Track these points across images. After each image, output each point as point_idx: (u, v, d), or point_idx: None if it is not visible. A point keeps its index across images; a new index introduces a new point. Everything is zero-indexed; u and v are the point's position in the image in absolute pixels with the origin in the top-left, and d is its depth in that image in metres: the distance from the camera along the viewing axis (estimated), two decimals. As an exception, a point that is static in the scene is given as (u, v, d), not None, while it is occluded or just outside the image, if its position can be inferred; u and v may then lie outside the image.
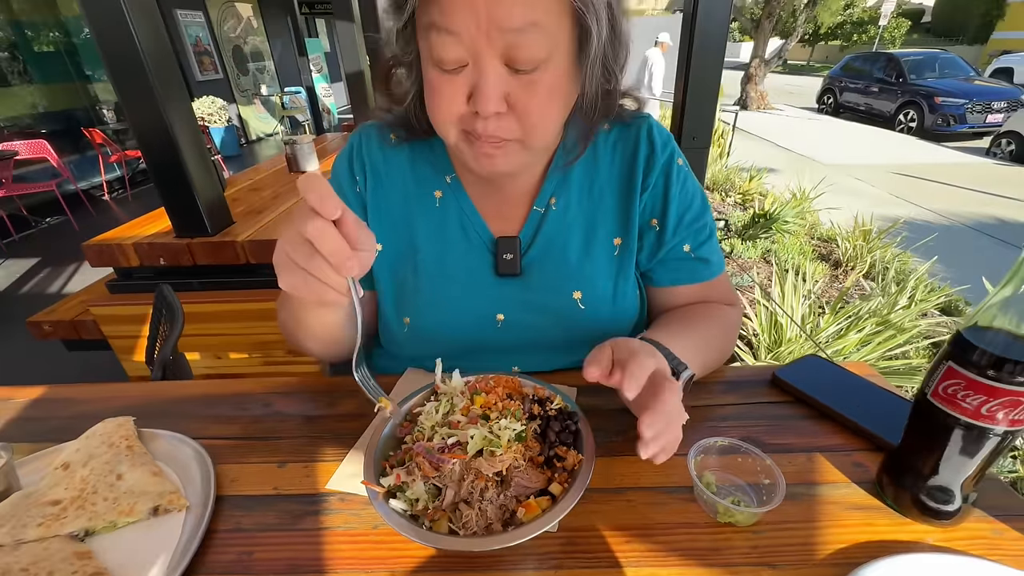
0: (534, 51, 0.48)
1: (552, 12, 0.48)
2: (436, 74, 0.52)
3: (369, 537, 0.48)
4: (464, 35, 0.47)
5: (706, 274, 0.70)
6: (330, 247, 0.41)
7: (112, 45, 1.52)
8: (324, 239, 0.40)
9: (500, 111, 0.51)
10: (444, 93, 0.52)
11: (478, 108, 0.50)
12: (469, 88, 0.51)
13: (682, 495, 0.51)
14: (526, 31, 0.47)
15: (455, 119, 0.54)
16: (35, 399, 0.70)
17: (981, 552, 0.44)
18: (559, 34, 0.49)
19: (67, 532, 0.47)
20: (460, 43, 0.48)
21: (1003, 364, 0.38)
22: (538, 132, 0.54)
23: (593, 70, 0.53)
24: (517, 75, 0.50)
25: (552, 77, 0.51)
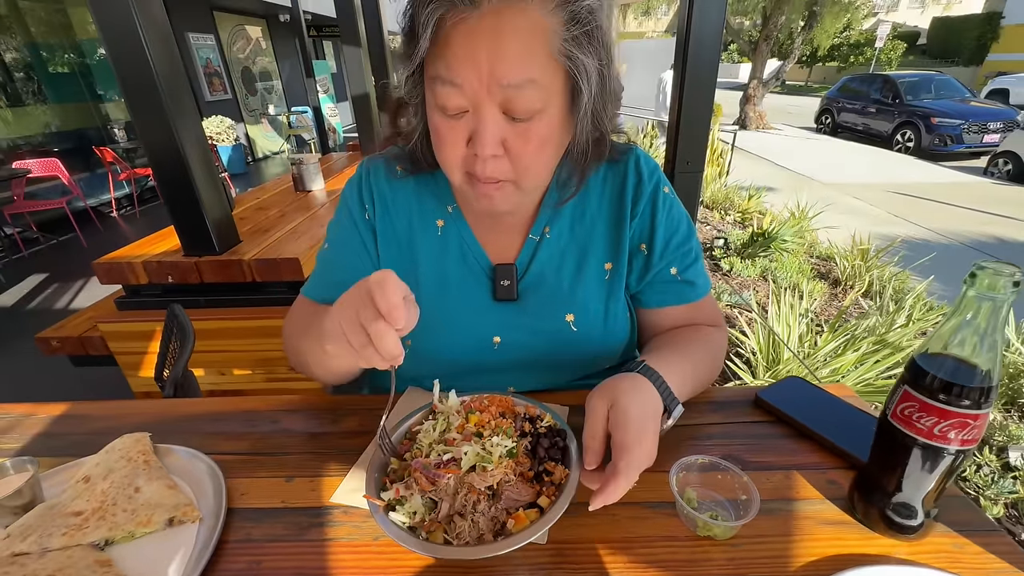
0: (530, 103, 0.53)
1: (547, 71, 0.53)
2: (440, 118, 0.57)
3: (370, 548, 0.51)
4: (466, 88, 0.53)
5: (692, 296, 0.74)
6: (386, 349, 0.47)
7: (128, 68, 1.58)
8: (383, 342, 0.46)
9: (497, 154, 0.56)
10: (447, 137, 0.57)
11: (476, 150, 0.55)
12: (469, 132, 0.56)
13: (664, 510, 0.54)
14: (523, 87, 0.52)
15: (459, 161, 0.59)
16: (55, 415, 0.74)
17: (943, 565, 0.47)
18: (553, 89, 0.54)
19: (89, 541, 0.51)
20: (463, 94, 0.53)
21: (951, 388, 0.42)
22: (531, 174, 0.59)
23: (584, 122, 0.58)
24: (513, 123, 0.55)
25: (545, 126, 0.56)
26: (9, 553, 0.48)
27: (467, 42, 0.51)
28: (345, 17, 3.65)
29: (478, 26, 0.50)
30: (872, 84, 11.01)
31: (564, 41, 0.52)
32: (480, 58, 0.51)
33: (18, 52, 5.54)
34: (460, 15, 0.50)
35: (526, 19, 0.50)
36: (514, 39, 0.50)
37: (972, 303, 0.41)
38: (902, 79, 10.54)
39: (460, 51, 0.51)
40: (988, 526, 0.51)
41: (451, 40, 0.52)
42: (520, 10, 0.50)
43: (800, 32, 12.03)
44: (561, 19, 0.52)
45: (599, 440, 0.51)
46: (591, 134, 0.61)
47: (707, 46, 1.62)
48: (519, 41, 0.51)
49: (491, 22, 0.50)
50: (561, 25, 0.52)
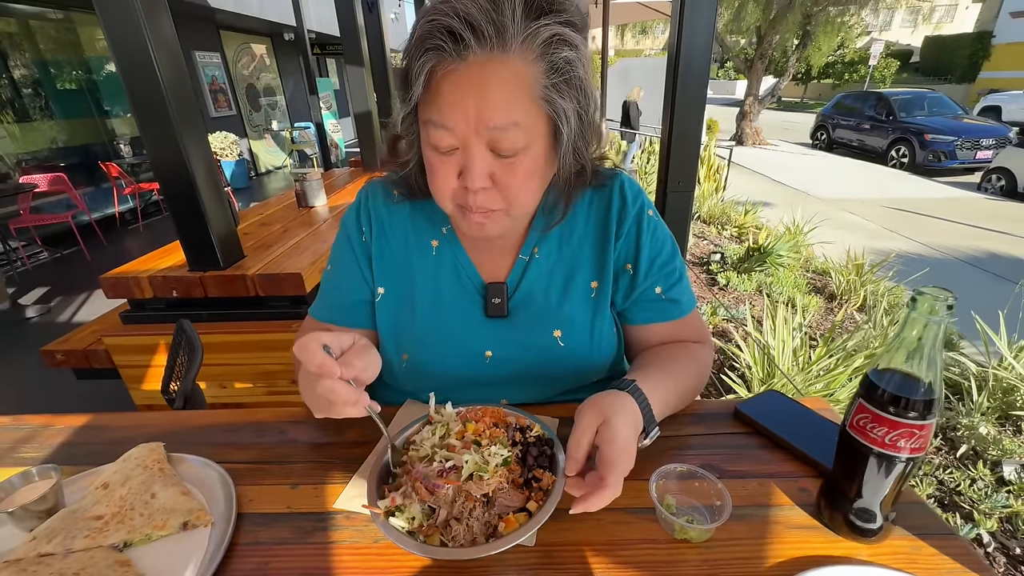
0: (514, 143, 0.59)
1: (530, 114, 0.59)
2: (433, 155, 0.62)
3: (371, 550, 0.55)
4: (456, 130, 0.58)
5: (676, 313, 0.79)
6: (342, 399, 0.54)
7: (138, 85, 1.62)
8: (336, 395, 0.54)
9: (486, 187, 0.61)
10: (440, 172, 0.63)
11: (467, 184, 0.61)
12: (460, 167, 0.61)
13: (646, 515, 0.58)
14: (507, 128, 0.58)
15: (450, 193, 0.64)
16: (73, 426, 0.78)
17: (900, 565, 0.50)
18: (536, 130, 0.60)
19: (109, 543, 0.55)
20: (453, 136, 0.59)
21: (899, 401, 0.46)
22: (518, 204, 0.65)
23: (566, 157, 0.64)
24: (500, 159, 0.60)
25: (530, 161, 0.61)
26: (36, 554, 0.52)
27: (456, 91, 0.56)
28: (349, 36, 3.74)
29: (466, 76, 0.56)
30: (866, 101, 11.20)
31: (544, 87, 0.58)
32: (468, 105, 0.56)
33: (26, 68, 5.66)
34: (449, 66, 0.56)
35: (508, 69, 0.56)
36: (498, 87, 0.56)
37: (914, 324, 0.45)
38: (895, 96, 10.72)
39: (450, 98, 0.57)
40: (944, 530, 0.54)
41: (442, 88, 0.57)
42: (502, 62, 0.56)
43: (794, 50, 12.26)
44: (541, 68, 0.57)
45: (584, 451, 0.56)
46: (573, 166, 0.67)
47: (696, 70, 1.69)
48: (503, 89, 0.56)
49: (477, 72, 0.55)
50: (542, 74, 0.57)
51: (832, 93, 17.81)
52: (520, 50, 0.56)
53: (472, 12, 0.54)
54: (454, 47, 0.55)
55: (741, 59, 13.19)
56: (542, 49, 0.57)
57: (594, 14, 6.87)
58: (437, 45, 0.55)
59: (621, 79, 10.92)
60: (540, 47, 0.57)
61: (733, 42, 13.13)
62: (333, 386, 0.53)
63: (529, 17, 0.56)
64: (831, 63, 21.96)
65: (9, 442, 0.75)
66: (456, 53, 0.55)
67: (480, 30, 0.54)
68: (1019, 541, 1.84)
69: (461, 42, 0.54)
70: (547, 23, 0.56)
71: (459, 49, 0.55)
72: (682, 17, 1.61)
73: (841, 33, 11.90)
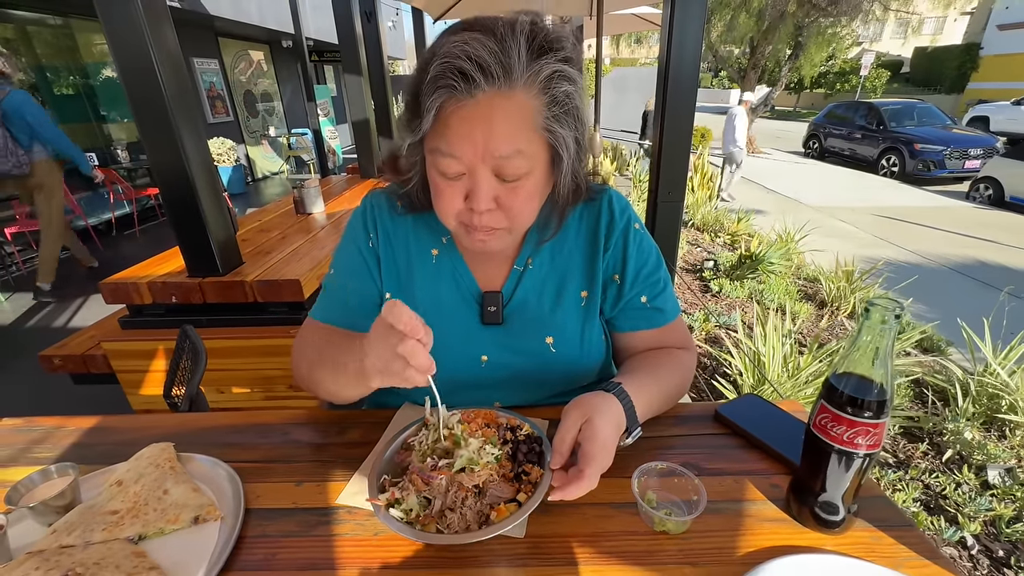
0: (517, 169, 0.64)
1: (532, 142, 0.64)
2: (440, 180, 0.67)
3: (371, 542, 0.59)
4: (464, 159, 0.63)
5: (661, 320, 0.83)
6: (420, 362, 0.55)
7: (139, 92, 1.65)
8: (416, 357, 0.54)
9: (491, 208, 0.66)
10: (446, 195, 0.67)
11: (473, 207, 0.66)
12: (466, 191, 0.66)
13: (627, 509, 0.62)
14: (512, 157, 0.62)
15: (455, 213, 0.69)
16: (84, 428, 0.81)
17: (860, 554, 0.55)
18: (537, 156, 0.65)
19: (125, 536, 0.58)
20: (461, 163, 0.64)
21: (855, 402, 0.51)
22: (519, 223, 0.70)
23: (565, 178, 0.69)
24: (504, 184, 0.65)
25: (532, 184, 0.67)
26: (57, 545, 0.56)
27: (465, 124, 0.61)
28: (347, 45, 3.79)
29: (474, 112, 0.60)
30: (857, 111, 11.37)
31: (546, 119, 0.63)
32: (476, 137, 0.61)
33: (24, 74, 5.68)
34: (459, 102, 0.60)
35: (513, 103, 0.61)
36: (504, 120, 0.61)
37: (868, 331, 0.50)
38: (886, 106, 10.90)
39: (459, 131, 0.61)
40: (903, 522, 0.59)
41: (451, 122, 0.62)
42: (508, 96, 0.60)
43: (787, 60, 12.45)
44: (543, 102, 0.62)
45: (568, 446, 0.60)
46: (570, 186, 0.72)
47: (685, 85, 1.75)
48: (508, 121, 0.61)
49: (485, 108, 0.60)
50: (543, 106, 0.62)
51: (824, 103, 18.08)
52: (524, 86, 0.61)
53: (482, 55, 0.58)
54: (465, 86, 0.59)
55: (734, 69, 13.38)
56: (544, 84, 0.62)
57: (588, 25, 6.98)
58: (449, 84, 0.59)
59: (616, 87, 11.05)
60: (542, 83, 0.62)
61: (727, 52, 13.31)
62: (416, 348, 0.54)
63: (532, 56, 0.61)
64: (823, 73, 22.28)
65: (23, 443, 0.78)
66: (466, 91, 0.59)
67: (489, 71, 0.59)
68: (1002, 544, 1.88)
69: (472, 82, 0.59)
70: (548, 61, 0.61)
71: (469, 88, 0.59)
72: (671, 31, 1.67)
73: (832, 44, 12.12)
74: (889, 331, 0.48)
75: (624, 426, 0.64)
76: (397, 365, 0.56)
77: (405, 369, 0.55)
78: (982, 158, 8.79)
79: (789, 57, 12.28)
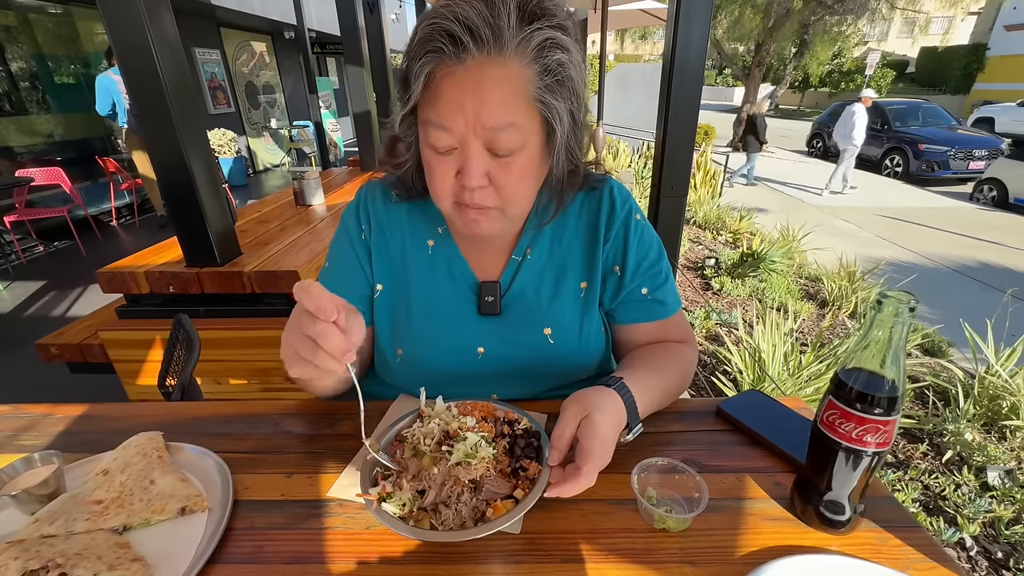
0: (510, 143, 0.61)
1: (525, 114, 0.61)
2: (432, 155, 0.65)
3: (363, 536, 0.57)
4: (455, 131, 0.61)
5: (662, 313, 0.81)
6: (331, 344, 0.50)
7: (139, 82, 1.64)
8: (326, 338, 0.50)
9: (483, 185, 0.64)
10: (438, 171, 0.65)
11: (464, 182, 0.63)
12: (458, 167, 0.64)
13: (627, 506, 0.60)
14: (504, 129, 0.60)
15: (448, 191, 0.66)
16: (72, 415, 0.80)
17: (866, 555, 0.53)
18: (530, 130, 0.63)
19: (109, 526, 0.57)
20: (451, 136, 0.61)
21: (865, 398, 0.49)
22: (513, 203, 0.67)
23: (559, 155, 0.67)
24: (496, 158, 0.63)
25: (525, 160, 0.64)
26: (39, 535, 0.54)
27: (455, 92, 0.59)
28: (349, 36, 3.76)
29: (464, 78, 0.58)
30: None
31: (538, 89, 0.61)
32: (466, 106, 0.59)
33: (24, 62, 5.65)
34: (448, 68, 0.58)
35: (505, 71, 0.59)
36: (495, 89, 0.59)
37: (880, 325, 0.48)
38: (890, 106, 10.82)
39: (449, 100, 0.59)
40: (909, 523, 0.57)
41: (440, 90, 0.60)
42: (499, 64, 0.58)
43: (792, 59, 12.37)
44: (535, 71, 0.60)
45: (566, 442, 0.58)
46: (566, 166, 0.69)
47: (690, 78, 1.73)
48: (499, 91, 0.59)
49: (475, 75, 0.58)
50: (536, 75, 0.60)
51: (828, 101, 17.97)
52: (515, 53, 0.59)
53: (471, 16, 0.56)
54: (453, 50, 0.57)
55: (739, 66, 13.30)
56: (536, 52, 0.59)
57: (593, 19, 6.93)
58: (437, 47, 0.58)
59: (619, 84, 10.98)
60: (534, 51, 0.59)
61: (732, 49, 13.22)
62: (327, 329, 0.50)
63: (523, 22, 0.58)
64: (828, 72, 22.15)
65: (10, 430, 0.77)
66: (455, 56, 0.58)
67: (478, 34, 0.57)
68: (1001, 545, 1.87)
69: (460, 45, 0.57)
70: (539, 27, 0.59)
71: (458, 52, 0.57)
72: (677, 26, 1.64)
73: (838, 43, 12.03)
74: (902, 325, 0.46)
75: (624, 422, 0.63)
76: (304, 347, 0.51)
77: (315, 352, 0.51)
78: (986, 159, 8.74)
79: (794, 55, 12.20)
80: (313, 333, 0.50)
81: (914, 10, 11.99)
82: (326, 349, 0.50)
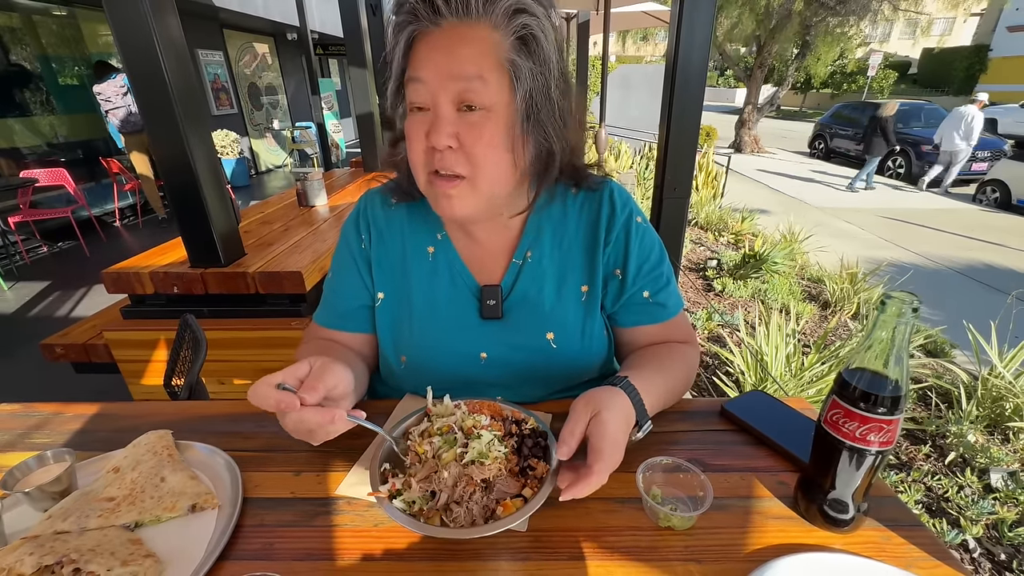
0: (478, 97, 0.64)
1: (494, 73, 0.64)
2: (410, 122, 0.68)
3: (371, 533, 0.58)
4: (427, 81, 0.64)
5: (663, 316, 0.82)
6: (316, 423, 0.56)
7: (144, 84, 1.65)
8: (306, 423, 0.56)
9: (451, 145, 0.65)
10: (414, 136, 0.67)
11: (433, 140, 0.65)
12: (428, 127, 0.66)
13: (632, 505, 0.61)
14: (472, 80, 0.63)
15: (422, 160, 0.68)
16: (83, 414, 0.80)
17: (870, 554, 0.54)
18: (499, 92, 0.64)
19: (121, 523, 0.57)
20: (425, 88, 0.64)
21: (869, 397, 0.49)
22: (483, 171, 0.67)
23: (530, 119, 0.67)
24: (464, 115, 0.65)
25: (493, 125, 0.65)
26: (52, 531, 0.55)
27: (430, 49, 0.64)
28: (352, 38, 3.78)
29: (440, 37, 0.63)
30: (864, 111, 11.27)
31: (508, 51, 0.64)
32: (439, 59, 0.63)
33: (28, 63, 5.67)
34: (426, 30, 0.64)
35: (477, 32, 0.63)
36: (466, 46, 0.63)
37: (883, 325, 0.48)
38: (893, 107, 10.80)
39: (424, 55, 0.64)
40: (913, 522, 0.58)
41: (418, 49, 0.65)
42: (471, 26, 0.63)
43: (793, 60, 12.36)
44: (505, 35, 0.63)
45: (576, 439, 0.58)
46: (542, 144, 0.70)
47: (693, 80, 1.73)
48: (470, 47, 0.63)
49: (449, 33, 0.63)
50: (506, 40, 0.64)
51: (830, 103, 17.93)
52: (484, 16, 0.62)
53: None
54: (429, 14, 0.62)
55: (741, 67, 13.29)
56: (504, 18, 0.63)
57: (595, 21, 6.94)
58: (413, 10, 0.63)
59: (622, 85, 10.98)
60: (502, 15, 0.63)
61: (733, 50, 13.22)
62: (300, 416, 0.56)
63: None
64: (830, 73, 22.11)
65: (22, 428, 0.78)
66: (430, 20, 0.63)
67: None
68: (1004, 547, 1.87)
69: (435, 9, 0.62)
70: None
71: (433, 16, 0.62)
72: (680, 27, 1.65)
73: (840, 44, 12.00)
74: (905, 325, 0.47)
75: (634, 420, 0.63)
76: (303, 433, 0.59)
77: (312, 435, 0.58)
78: (989, 160, 8.71)
79: (796, 56, 12.18)
80: (293, 425, 0.57)
81: (916, 11, 11.95)
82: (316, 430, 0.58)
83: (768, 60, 12.18)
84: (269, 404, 0.55)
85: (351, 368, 0.67)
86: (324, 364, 0.60)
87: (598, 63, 7.25)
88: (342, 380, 0.62)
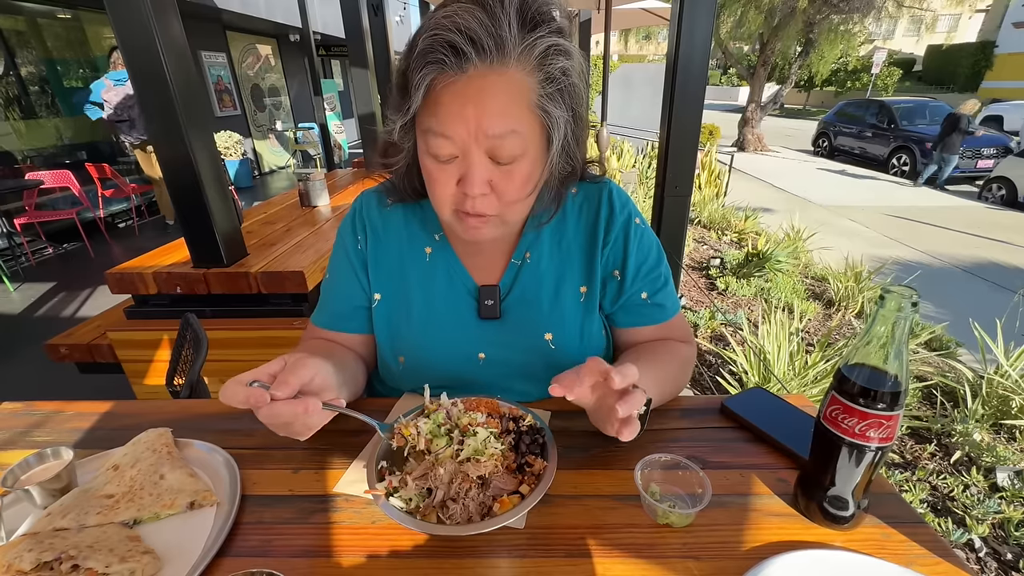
0: (512, 150, 0.61)
1: (526, 122, 0.61)
2: (432, 164, 0.65)
3: (369, 531, 0.58)
4: (456, 139, 0.60)
5: (662, 317, 0.82)
6: (289, 415, 0.55)
7: (146, 86, 1.66)
8: (279, 416, 0.55)
9: (485, 193, 0.64)
10: (439, 179, 0.65)
11: (467, 190, 0.63)
12: (459, 175, 0.64)
13: (631, 502, 0.60)
14: (506, 136, 0.60)
15: (449, 199, 0.66)
16: (83, 412, 0.81)
17: (870, 551, 0.53)
18: (531, 137, 0.63)
19: (120, 520, 0.57)
20: (453, 144, 0.61)
21: (868, 393, 0.49)
22: (514, 209, 0.68)
23: (559, 159, 0.67)
24: (498, 166, 0.63)
25: (526, 167, 0.64)
26: (51, 528, 0.55)
27: (457, 101, 0.58)
28: (354, 39, 3.79)
29: (466, 88, 0.58)
30: (868, 109, 11.23)
31: (540, 96, 0.61)
32: (468, 115, 0.58)
33: (33, 66, 5.71)
34: (450, 79, 0.58)
35: (507, 80, 0.58)
36: (497, 98, 0.58)
37: (882, 320, 0.48)
38: (897, 105, 10.75)
39: (451, 109, 0.59)
40: (913, 519, 0.57)
41: (442, 99, 0.59)
42: (501, 73, 0.58)
43: (797, 58, 12.31)
44: (537, 79, 0.60)
45: (573, 381, 0.57)
46: (565, 167, 0.70)
47: (694, 78, 1.73)
48: (501, 99, 0.59)
49: (477, 84, 0.58)
50: (537, 84, 0.60)
51: (834, 101, 17.86)
52: (518, 62, 0.58)
53: (473, 27, 0.56)
54: (455, 60, 0.57)
55: (744, 66, 13.24)
56: (539, 61, 0.59)
57: (596, 19, 6.92)
58: (439, 59, 0.57)
59: (623, 85, 10.95)
60: (537, 59, 0.59)
61: (736, 48, 13.17)
62: (272, 410, 0.55)
63: (524, 30, 0.58)
64: (834, 71, 22.00)
65: (22, 426, 0.78)
66: (457, 66, 0.57)
67: (481, 44, 0.56)
68: (1011, 547, 1.85)
69: (462, 55, 0.56)
70: (542, 35, 0.59)
71: (460, 63, 0.57)
72: (680, 26, 1.65)
73: (844, 41, 11.93)
74: (904, 320, 0.46)
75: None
76: (280, 428, 0.58)
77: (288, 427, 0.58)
78: (995, 158, 8.65)
79: (800, 54, 12.13)
80: (267, 419, 0.56)
81: (921, 8, 11.88)
82: (291, 423, 0.57)
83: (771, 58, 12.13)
84: (238, 401, 0.54)
85: (339, 364, 0.66)
86: (299, 359, 0.59)
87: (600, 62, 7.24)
88: (319, 373, 0.60)
